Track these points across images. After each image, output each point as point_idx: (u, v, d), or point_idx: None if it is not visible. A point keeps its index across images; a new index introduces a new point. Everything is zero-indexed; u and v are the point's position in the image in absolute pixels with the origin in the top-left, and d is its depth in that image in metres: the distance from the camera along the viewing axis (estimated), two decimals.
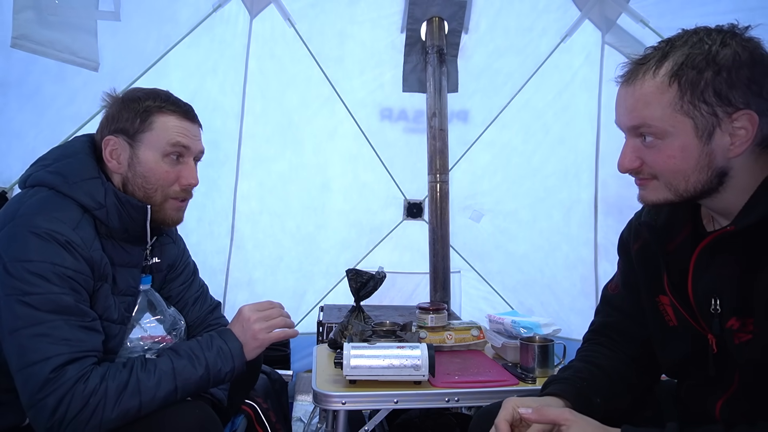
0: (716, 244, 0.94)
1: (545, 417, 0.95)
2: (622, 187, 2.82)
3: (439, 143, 2.86)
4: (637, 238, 1.12)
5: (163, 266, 1.43)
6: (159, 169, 1.25)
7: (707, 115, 0.87)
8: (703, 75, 0.86)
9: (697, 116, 0.87)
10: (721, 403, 0.96)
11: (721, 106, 0.86)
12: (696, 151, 0.89)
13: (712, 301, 0.93)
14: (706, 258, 0.96)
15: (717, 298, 0.93)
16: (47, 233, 1.08)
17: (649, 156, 0.93)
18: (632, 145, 0.95)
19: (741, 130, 0.87)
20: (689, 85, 0.86)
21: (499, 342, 1.72)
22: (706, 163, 0.89)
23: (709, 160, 0.89)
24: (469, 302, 3.28)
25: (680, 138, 0.89)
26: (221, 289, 2.98)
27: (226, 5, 2.67)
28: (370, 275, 1.85)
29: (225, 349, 1.21)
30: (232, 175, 2.97)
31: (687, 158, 0.89)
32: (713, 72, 0.85)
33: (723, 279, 0.92)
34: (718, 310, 0.93)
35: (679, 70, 0.87)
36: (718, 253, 0.94)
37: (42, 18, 2.20)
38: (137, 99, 1.26)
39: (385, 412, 1.49)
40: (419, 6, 2.83)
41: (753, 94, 0.86)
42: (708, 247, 0.95)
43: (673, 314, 1.03)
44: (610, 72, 2.81)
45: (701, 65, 0.86)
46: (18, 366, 1.04)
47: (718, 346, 0.95)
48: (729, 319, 0.91)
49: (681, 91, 0.87)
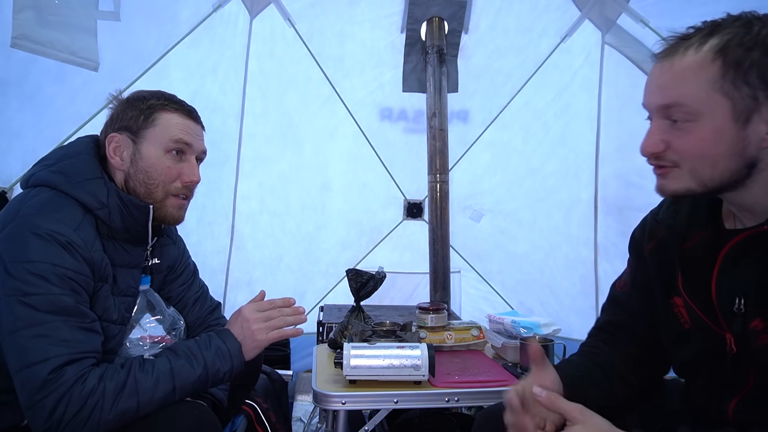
0: (746, 243, 0.90)
1: (556, 405, 0.94)
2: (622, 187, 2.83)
3: (439, 143, 2.86)
4: (651, 237, 1.09)
5: (162, 267, 1.43)
6: (161, 165, 1.26)
7: (747, 98, 0.82)
8: (750, 55, 0.81)
9: (736, 98, 0.82)
10: (734, 403, 0.95)
11: (763, 89, 0.81)
12: (730, 135, 0.83)
13: (737, 301, 0.91)
14: (734, 257, 0.92)
15: (741, 297, 0.90)
16: (48, 234, 1.08)
17: (677, 139, 0.87)
18: (659, 127, 0.89)
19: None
20: (734, 64, 0.81)
21: (499, 342, 1.72)
22: (739, 150, 0.83)
23: (742, 146, 0.83)
24: (469, 302, 3.29)
25: (715, 120, 0.83)
26: (221, 289, 2.98)
27: (226, 5, 2.67)
28: (370, 275, 1.85)
29: (223, 348, 1.21)
30: (232, 175, 2.97)
31: (719, 142, 0.84)
32: (761, 53, 0.81)
33: (750, 279, 0.89)
34: (742, 310, 0.90)
35: (726, 46, 0.82)
36: (748, 252, 0.90)
37: (42, 18, 2.20)
38: (142, 98, 1.28)
39: (385, 412, 1.49)
40: (419, 6, 2.83)
41: None
42: (738, 245, 0.91)
43: (688, 315, 1.00)
44: (610, 72, 2.86)
45: (749, 44, 0.81)
46: (17, 366, 1.04)
47: (737, 346, 0.92)
48: (753, 320, 0.89)
49: (724, 69, 0.82)
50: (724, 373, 0.95)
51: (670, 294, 1.03)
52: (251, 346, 1.25)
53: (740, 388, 0.94)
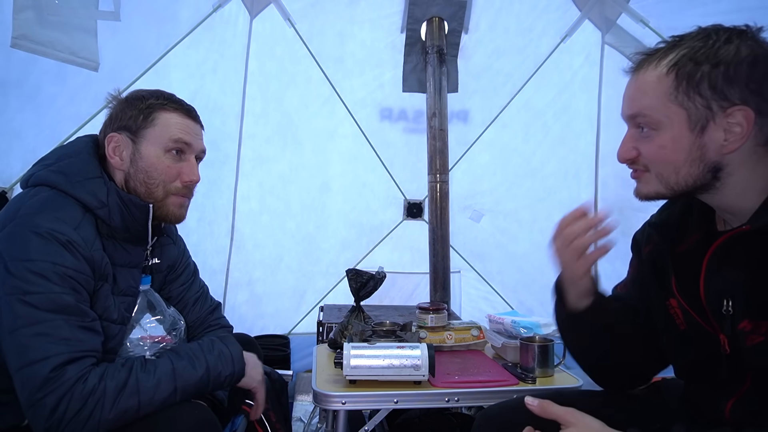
0: (730, 245, 0.92)
1: (548, 411, 0.95)
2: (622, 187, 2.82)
3: (439, 143, 2.86)
4: (648, 241, 1.12)
5: (162, 267, 1.43)
6: (161, 164, 1.26)
7: (701, 108, 0.88)
8: (701, 67, 0.87)
9: (690, 108, 0.88)
10: (731, 403, 0.95)
11: (715, 99, 0.87)
12: (688, 143, 0.89)
13: (725, 302, 0.92)
14: (719, 258, 0.94)
15: (729, 299, 0.92)
16: (48, 233, 1.08)
17: (644, 146, 0.94)
18: (631, 135, 0.96)
19: (736, 127, 0.87)
20: (686, 76, 0.88)
21: (499, 342, 1.72)
22: (698, 156, 0.89)
23: (700, 153, 0.89)
24: (469, 302, 3.28)
25: (673, 129, 0.90)
26: (221, 289, 2.97)
27: (226, 5, 2.67)
28: (370, 275, 1.85)
29: (226, 352, 1.23)
30: (232, 175, 2.97)
31: (678, 150, 0.90)
32: (711, 65, 0.86)
33: (736, 280, 0.91)
34: (730, 312, 0.91)
35: (679, 61, 0.89)
36: (732, 253, 0.92)
37: (42, 18, 2.20)
38: (141, 97, 1.29)
39: (385, 412, 1.48)
40: (419, 6, 2.83)
41: (751, 92, 0.86)
42: (721, 247, 0.93)
43: (683, 317, 1.02)
44: (610, 72, 2.86)
45: (700, 58, 0.87)
46: (17, 365, 1.03)
47: (730, 347, 0.93)
48: (741, 321, 0.90)
49: (677, 82, 0.88)
50: (720, 373, 0.96)
51: (666, 296, 1.05)
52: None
53: (737, 388, 0.95)
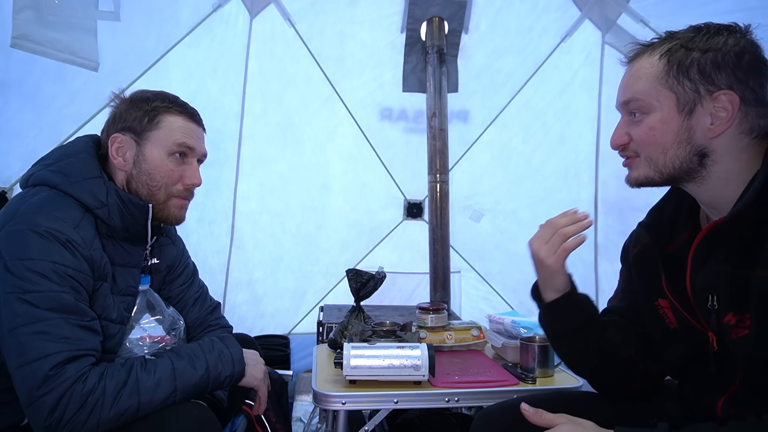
0: (711, 239, 0.94)
1: (543, 419, 0.97)
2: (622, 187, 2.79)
3: (439, 143, 2.86)
4: (636, 242, 1.14)
5: (162, 267, 1.43)
6: (164, 167, 1.27)
7: (689, 92, 0.92)
8: (691, 53, 0.92)
9: (680, 91, 0.92)
10: (722, 401, 0.96)
11: (703, 84, 0.91)
12: (675, 125, 0.93)
13: (709, 297, 0.94)
14: (703, 253, 0.96)
15: (714, 294, 0.94)
16: (48, 232, 1.08)
17: (634, 130, 0.98)
18: (624, 122, 1.01)
19: (722, 111, 0.91)
20: (677, 61, 0.93)
21: (499, 342, 1.72)
22: (685, 139, 0.93)
23: (687, 135, 0.93)
24: (469, 302, 3.28)
25: (662, 111, 0.94)
26: (221, 289, 2.97)
27: (226, 5, 2.67)
28: (370, 275, 1.85)
29: (226, 353, 1.23)
30: (232, 175, 2.97)
31: (666, 131, 0.94)
32: (701, 51, 0.91)
33: (719, 274, 0.93)
34: (716, 306, 0.93)
35: (671, 48, 0.94)
36: (715, 248, 0.94)
37: (42, 18, 2.19)
38: (146, 99, 1.29)
39: (385, 412, 1.48)
40: (419, 6, 2.83)
41: (737, 80, 0.90)
42: (703, 241, 0.96)
43: (673, 316, 1.03)
44: (611, 72, 2.86)
45: (691, 46, 0.93)
46: (17, 364, 1.03)
47: (718, 344, 0.95)
48: (726, 315, 0.91)
49: (668, 66, 0.93)
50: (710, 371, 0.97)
51: (655, 296, 1.07)
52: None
53: (727, 386, 0.96)
